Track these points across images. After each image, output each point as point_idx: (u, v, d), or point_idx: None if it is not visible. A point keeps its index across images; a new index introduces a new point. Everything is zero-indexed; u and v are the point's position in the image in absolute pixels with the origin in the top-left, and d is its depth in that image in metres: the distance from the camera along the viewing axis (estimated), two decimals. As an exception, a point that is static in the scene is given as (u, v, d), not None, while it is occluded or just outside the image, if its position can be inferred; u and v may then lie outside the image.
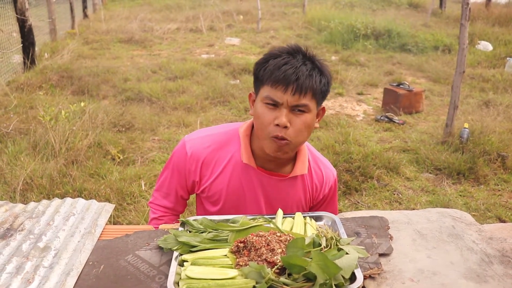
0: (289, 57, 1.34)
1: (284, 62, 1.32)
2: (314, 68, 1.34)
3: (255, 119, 1.40)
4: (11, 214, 1.34)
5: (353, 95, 6.45)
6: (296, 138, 1.36)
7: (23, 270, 1.08)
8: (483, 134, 4.48)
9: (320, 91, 1.35)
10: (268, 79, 1.33)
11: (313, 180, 1.55)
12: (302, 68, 1.31)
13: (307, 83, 1.31)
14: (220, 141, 1.50)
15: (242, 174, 1.48)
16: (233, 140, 1.50)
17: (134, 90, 6.03)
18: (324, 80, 1.36)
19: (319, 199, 1.59)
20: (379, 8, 13.40)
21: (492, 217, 3.44)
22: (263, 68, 1.36)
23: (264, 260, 1.03)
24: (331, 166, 1.62)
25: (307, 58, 1.36)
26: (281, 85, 1.31)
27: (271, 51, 1.40)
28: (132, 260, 1.14)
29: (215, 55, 8.51)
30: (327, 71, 1.39)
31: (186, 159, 1.51)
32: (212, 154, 1.49)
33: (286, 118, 1.32)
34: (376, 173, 3.99)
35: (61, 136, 4.02)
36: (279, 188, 1.50)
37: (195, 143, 1.51)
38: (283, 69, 1.31)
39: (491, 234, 1.28)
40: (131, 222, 3.13)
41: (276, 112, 1.33)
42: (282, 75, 1.30)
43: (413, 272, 1.10)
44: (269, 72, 1.33)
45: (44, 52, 7.60)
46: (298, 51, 1.37)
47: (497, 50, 8.70)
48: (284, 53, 1.36)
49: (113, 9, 13.98)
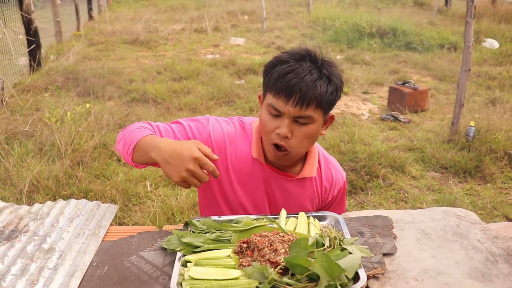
0: (296, 64, 1.29)
1: (290, 70, 1.28)
2: (321, 77, 1.29)
3: (260, 123, 1.40)
4: (16, 215, 1.34)
5: (358, 94, 6.43)
6: (297, 148, 1.35)
7: (28, 272, 1.09)
8: (490, 132, 4.46)
9: (326, 101, 1.31)
10: (272, 87, 1.31)
11: (322, 183, 1.54)
12: (307, 78, 1.27)
13: (310, 94, 1.26)
14: (235, 134, 1.49)
15: (250, 167, 1.47)
16: (246, 135, 1.49)
17: (139, 91, 6.05)
18: (331, 89, 1.31)
19: (328, 200, 1.58)
20: (384, 7, 13.35)
21: (499, 216, 3.42)
22: (270, 74, 1.33)
23: (267, 260, 1.03)
24: (341, 168, 1.61)
25: (315, 64, 1.31)
26: (283, 95, 1.28)
27: (280, 54, 1.36)
28: (136, 261, 1.14)
29: (220, 55, 8.52)
30: (336, 78, 1.33)
31: (203, 132, 1.47)
32: (225, 142, 1.47)
33: (288, 128, 1.30)
34: (381, 172, 3.98)
35: (67, 138, 4.04)
36: (285, 188, 1.49)
37: (216, 126, 1.48)
38: (287, 78, 1.27)
39: (496, 233, 1.28)
40: (136, 222, 3.14)
41: (279, 121, 1.31)
42: (286, 85, 1.27)
43: (417, 272, 1.10)
44: (273, 80, 1.31)
45: (50, 54, 7.65)
46: (306, 57, 1.32)
47: (504, 47, 8.63)
48: (292, 59, 1.31)
49: (118, 10, 14.03)
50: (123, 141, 1.39)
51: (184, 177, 1.16)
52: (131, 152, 1.34)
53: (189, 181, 1.17)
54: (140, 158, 1.33)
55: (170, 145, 1.22)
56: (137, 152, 1.32)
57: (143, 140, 1.31)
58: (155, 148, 1.23)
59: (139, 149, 1.31)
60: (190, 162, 1.15)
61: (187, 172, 1.16)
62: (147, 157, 1.28)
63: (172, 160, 1.18)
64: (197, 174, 1.16)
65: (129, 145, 1.34)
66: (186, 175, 1.15)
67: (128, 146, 1.35)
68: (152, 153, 1.24)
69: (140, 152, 1.31)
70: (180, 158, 1.17)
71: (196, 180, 1.17)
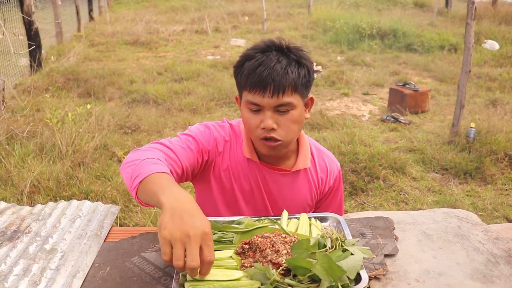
0: (263, 56, 1.31)
1: (258, 63, 1.30)
2: (290, 63, 1.31)
3: (244, 123, 1.40)
4: (18, 216, 1.35)
5: (358, 95, 6.43)
6: (287, 136, 1.35)
7: (30, 272, 1.09)
8: (490, 133, 4.46)
9: (301, 84, 1.32)
10: (246, 84, 1.33)
11: (318, 174, 1.55)
12: (277, 67, 1.28)
13: (284, 81, 1.28)
14: (229, 139, 1.50)
15: (246, 167, 1.47)
16: (236, 137, 1.50)
17: (140, 92, 6.05)
18: (303, 72, 1.33)
19: (325, 191, 1.59)
20: (385, 8, 13.35)
21: (499, 217, 3.42)
22: (240, 72, 1.35)
23: (269, 261, 1.03)
24: (334, 158, 1.62)
25: (281, 52, 1.34)
26: (258, 88, 1.29)
27: (245, 51, 1.38)
28: (138, 261, 1.14)
29: (221, 56, 8.52)
30: (306, 60, 1.35)
31: (222, 132, 1.48)
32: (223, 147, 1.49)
33: (271, 120, 1.31)
34: (382, 173, 3.98)
35: (67, 139, 4.05)
36: (282, 183, 1.50)
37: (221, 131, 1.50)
38: (257, 72, 1.29)
39: (498, 234, 1.28)
40: (137, 223, 3.14)
41: (261, 115, 1.33)
42: (258, 79, 1.28)
43: (418, 273, 1.10)
44: (245, 77, 1.32)
45: (51, 55, 7.65)
46: (272, 47, 1.35)
47: (504, 49, 8.63)
48: (258, 52, 1.34)
49: (119, 11, 14.04)
50: (131, 169, 1.19)
51: (176, 239, 0.91)
52: (136, 185, 1.14)
53: (175, 247, 0.92)
54: (145, 196, 1.11)
55: (190, 202, 1.00)
56: (144, 188, 1.11)
57: (155, 177, 1.10)
58: (170, 194, 1.01)
59: (146, 185, 1.10)
60: (195, 230, 0.93)
61: (183, 236, 0.92)
62: (153, 198, 1.05)
63: (178, 214, 0.95)
64: (190, 247, 0.91)
65: (136, 177, 1.14)
66: (179, 237, 0.91)
67: (134, 177, 1.15)
68: (163, 196, 1.01)
69: (147, 190, 1.10)
70: (189, 220, 0.94)
71: (181, 253, 0.92)
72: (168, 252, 0.93)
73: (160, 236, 0.93)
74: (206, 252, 0.93)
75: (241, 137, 1.49)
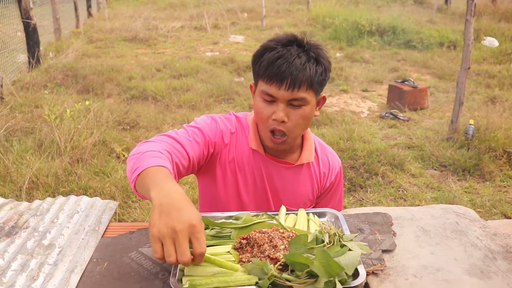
0: (284, 50, 1.33)
1: (278, 56, 1.32)
2: (309, 60, 1.33)
3: (255, 112, 1.42)
4: (16, 212, 1.35)
5: (357, 92, 6.43)
6: (295, 131, 1.38)
7: (28, 268, 1.09)
8: (489, 130, 4.46)
9: (317, 82, 1.35)
10: (263, 75, 1.34)
11: (320, 169, 1.57)
12: (296, 62, 1.31)
13: (301, 77, 1.30)
14: (235, 130, 1.51)
15: (251, 159, 1.49)
16: (242, 128, 1.52)
17: (138, 88, 6.05)
18: (320, 70, 1.35)
19: (327, 186, 1.61)
20: (384, 5, 13.34)
21: (497, 214, 3.43)
22: (259, 62, 1.36)
23: (267, 256, 1.03)
24: (336, 155, 1.65)
25: (302, 48, 1.35)
26: (275, 80, 1.31)
27: (266, 42, 1.39)
28: (136, 257, 1.14)
29: (220, 52, 8.51)
30: (324, 59, 1.38)
31: (228, 124, 1.49)
32: (229, 138, 1.50)
33: (283, 112, 1.33)
34: (380, 169, 3.98)
35: (66, 135, 4.04)
36: (286, 176, 1.51)
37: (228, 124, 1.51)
38: (277, 64, 1.31)
39: (495, 230, 1.28)
40: (136, 219, 3.14)
41: (274, 106, 1.34)
42: (276, 71, 1.30)
43: (416, 268, 1.10)
44: (264, 68, 1.34)
45: (49, 51, 7.64)
46: (293, 42, 1.36)
47: (503, 46, 8.64)
48: (280, 45, 1.35)
49: (117, 7, 14.01)
50: (132, 162, 1.19)
51: (164, 235, 0.91)
52: (134, 178, 1.13)
53: (165, 244, 0.92)
54: (141, 190, 1.11)
55: (178, 196, 1.00)
56: (140, 182, 1.11)
57: (151, 171, 1.10)
58: (160, 190, 1.01)
59: (143, 179, 1.10)
60: (182, 224, 0.92)
61: (170, 231, 0.91)
62: (147, 193, 1.05)
63: (165, 210, 0.95)
64: (179, 242, 0.91)
65: (135, 170, 1.14)
66: (167, 234, 0.91)
67: (133, 170, 1.15)
68: (153, 192, 1.01)
69: (143, 184, 1.09)
70: (176, 215, 0.94)
71: (171, 249, 0.91)
72: (159, 249, 0.93)
73: (150, 234, 0.94)
74: (195, 245, 0.93)
75: (247, 129, 1.50)
